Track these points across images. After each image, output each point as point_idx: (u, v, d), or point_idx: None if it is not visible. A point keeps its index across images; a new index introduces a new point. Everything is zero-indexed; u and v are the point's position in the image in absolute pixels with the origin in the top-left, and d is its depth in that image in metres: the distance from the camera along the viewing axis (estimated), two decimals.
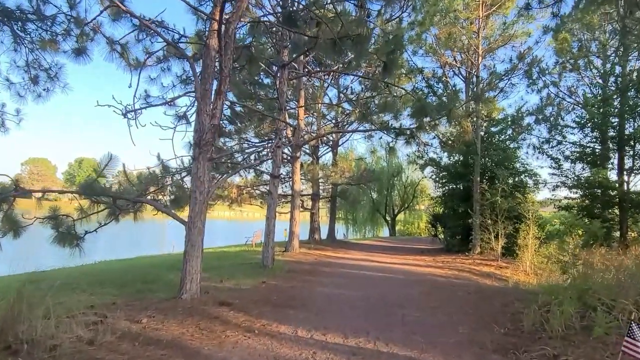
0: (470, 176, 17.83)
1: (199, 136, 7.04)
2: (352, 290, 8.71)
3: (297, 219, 15.92)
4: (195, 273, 6.92)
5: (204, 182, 7.03)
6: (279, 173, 11.62)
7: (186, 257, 6.92)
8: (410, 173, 37.15)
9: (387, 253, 18.52)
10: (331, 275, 11.12)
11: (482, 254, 16.40)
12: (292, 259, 14.24)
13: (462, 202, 18.11)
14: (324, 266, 12.89)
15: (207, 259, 14.24)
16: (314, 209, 21.08)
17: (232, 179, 19.11)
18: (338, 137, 21.55)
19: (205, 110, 7.03)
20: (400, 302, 7.63)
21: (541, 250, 13.24)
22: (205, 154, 7.01)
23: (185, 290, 6.81)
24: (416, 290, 9.00)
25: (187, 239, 6.96)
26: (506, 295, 7.88)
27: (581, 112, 20.01)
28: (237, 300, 7.22)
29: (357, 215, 33.66)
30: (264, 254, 11.47)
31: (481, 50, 17.02)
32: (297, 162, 16.17)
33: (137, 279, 9.69)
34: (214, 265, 12.28)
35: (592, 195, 17.63)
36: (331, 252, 17.37)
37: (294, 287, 8.95)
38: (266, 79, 16.08)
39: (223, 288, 8.50)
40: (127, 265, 13.74)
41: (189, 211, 7.06)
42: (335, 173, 17.70)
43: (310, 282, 9.78)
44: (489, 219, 15.11)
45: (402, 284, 10.08)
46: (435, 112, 9.38)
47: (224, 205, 18.93)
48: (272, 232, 11.62)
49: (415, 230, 40.05)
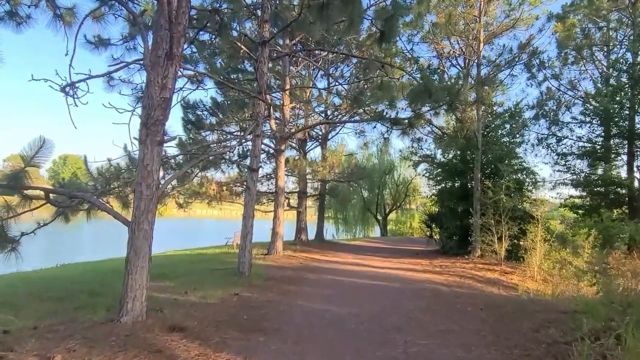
0: (469, 173, 16.48)
1: (147, 114, 5.51)
2: (340, 306, 7.23)
3: (281, 218, 14.42)
4: (140, 288, 5.38)
5: (153, 172, 5.49)
6: (257, 166, 10.09)
7: (128, 268, 5.38)
8: (403, 171, 35.80)
9: (379, 255, 17.10)
10: (316, 284, 9.64)
11: (482, 257, 15.05)
12: (274, 263, 12.74)
13: (461, 201, 16.74)
14: (310, 272, 11.41)
15: (178, 264, 12.73)
16: (300, 208, 19.58)
17: (213, 175, 17.56)
18: (327, 131, 20.06)
19: (157, 81, 5.50)
20: (400, 322, 6.17)
21: (552, 254, 11.86)
22: (154, 136, 5.48)
23: (126, 311, 5.27)
24: (417, 305, 7.56)
25: (130, 244, 5.43)
26: (528, 312, 6.46)
27: (585, 107, 18.87)
28: (196, 322, 5.71)
29: (347, 215, 32.19)
30: (240, 259, 9.96)
31: (482, 36, 15.64)
32: (282, 156, 14.66)
33: (85, 289, 8.13)
34: (184, 271, 10.73)
35: (600, 193, 16.37)
36: (318, 255, 15.89)
37: (270, 301, 7.45)
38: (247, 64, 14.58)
39: (184, 303, 6.98)
40: (86, 270, 12.14)
41: (133, 209, 5.52)
42: (323, 168, 16.20)
43: (291, 293, 8.28)
44: (491, 219, 13.74)
45: (399, 295, 8.63)
46: (442, 93, 7.93)
47: (203, 203, 17.35)
48: (249, 233, 10.11)
49: (408, 230, 38.69)
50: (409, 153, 24.04)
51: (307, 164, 16.84)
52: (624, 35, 17.44)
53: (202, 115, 19.09)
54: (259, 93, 9.96)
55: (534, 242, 12.27)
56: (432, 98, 8.41)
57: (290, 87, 14.35)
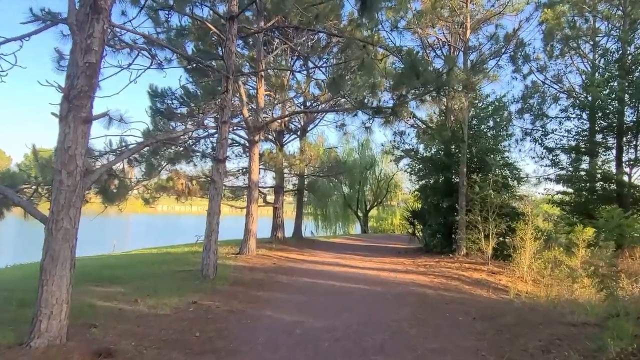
0: (454, 167, 15.66)
1: (70, 84, 4.38)
2: (314, 316, 6.22)
3: (255, 215, 13.32)
4: (58, 303, 4.26)
5: (76, 157, 4.37)
6: (224, 156, 8.98)
7: (43, 277, 4.26)
8: (384, 166, 34.96)
9: (360, 254, 16.16)
10: (289, 288, 8.61)
11: (468, 255, 14.26)
12: (245, 263, 11.65)
13: (445, 197, 15.89)
14: (283, 274, 10.37)
15: (138, 264, 11.51)
16: (277, 204, 18.48)
17: (182, 168, 16.30)
18: (306, 122, 18.97)
19: (83, 44, 4.37)
20: (383, 338, 5.20)
21: (544, 253, 11.08)
22: (77, 111, 4.35)
23: (38, 332, 4.15)
24: (402, 314, 6.60)
25: (46, 247, 4.30)
26: (529, 325, 5.57)
27: (572, 101, 18.32)
28: (133, 343, 4.63)
29: (327, 211, 31.16)
30: (204, 260, 8.85)
31: (469, 23, 14.78)
32: (256, 147, 13.54)
33: (18, 297, 6.91)
34: (142, 273, 9.58)
35: (587, 189, 15.76)
36: (295, 254, 14.86)
37: (233, 311, 6.38)
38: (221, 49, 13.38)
39: (129, 314, 5.88)
40: (26, 275, 10.85)
41: (51, 203, 4.39)
42: (300, 162, 15.12)
43: (259, 301, 7.24)
44: (478, 216, 12.94)
45: (381, 301, 7.68)
46: (430, 74, 6.98)
47: (171, 198, 16.09)
48: (214, 232, 9.00)
49: (389, 227, 37.89)
50: (390, 147, 23.14)
51: (284, 157, 15.73)
52: (612, 26, 16.85)
53: (172, 104, 17.83)
54: (225, 74, 8.86)
55: (523, 241, 11.50)
56: (420, 80, 7.45)
57: (265, 68, 13.20)
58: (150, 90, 16.42)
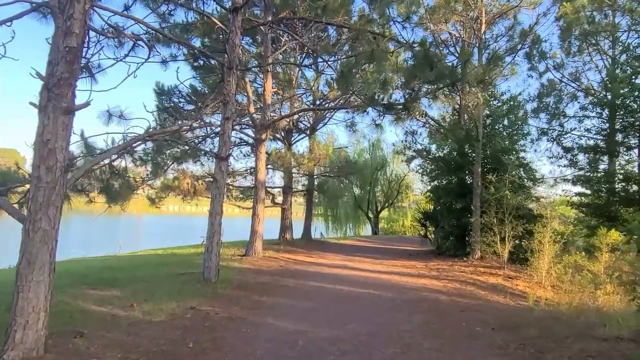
0: (469, 166, 15.08)
1: (50, 71, 4.00)
2: (319, 325, 5.76)
3: (261, 216, 12.90)
4: (35, 312, 3.88)
5: (56, 151, 3.98)
6: (227, 154, 8.57)
7: (18, 283, 3.87)
8: (395, 167, 34.38)
9: (370, 256, 15.66)
10: (295, 293, 8.16)
11: (482, 259, 13.69)
12: (250, 266, 11.23)
13: (458, 198, 15.33)
14: (290, 277, 9.92)
15: (140, 266, 11.15)
16: (285, 204, 18.06)
17: (188, 168, 16.00)
18: (315, 121, 18.52)
19: (63, 27, 3.99)
20: (395, 353, 4.71)
21: (564, 257, 10.47)
22: (58, 100, 3.96)
23: (13, 343, 3.76)
24: (415, 323, 6.12)
25: (23, 249, 3.92)
26: (556, 338, 5.06)
27: (591, 99, 17.60)
28: (119, 355, 4.23)
29: (337, 212, 30.64)
30: (205, 263, 8.47)
31: (485, 17, 14.19)
32: (262, 146, 13.14)
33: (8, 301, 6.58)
34: (142, 275, 9.21)
35: (608, 190, 15.04)
36: (303, 256, 14.41)
37: (233, 318, 5.96)
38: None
39: (122, 321, 5.49)
40: None
41: (30, 202, 4.01)
42: (309, 161, 14.68)
43: (262, 307, 6.80)
44: (494, 218, 12.36)
45: (392, 308, 7.19)
46: (444, 67, 6.50)
47: (177, 198, 15.79)
48: (217, 233, 8.61)
49: (400, 229, 37.25)
50: (402, 147, 22.59)
51: (292, 156, 15.30)
52: (635, 20, 16.12)
53: (178, 103, 17.53)
54: (228, 68, 8.46)
55: (542, 244, 10.91)
56: (434, 72, 6.96)
57: (272, 62, 12.78)
58: (156, 88, 16.14)
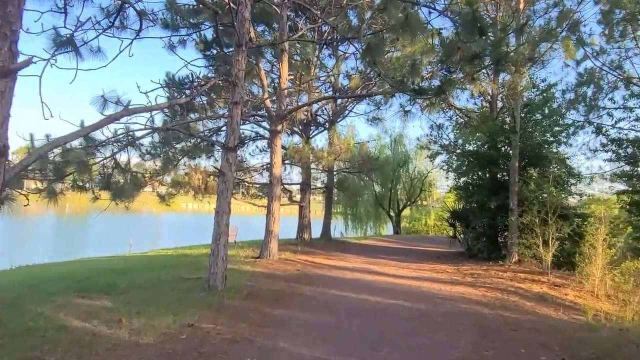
0: (503, 161, 13.73)
1: None
2: (342, 352, 4.63)
3: (277, 214, 11.86)
4: None
5: None
6: (235, 144, 7.53)
7: None
8: (418, 163, 32.89)
9: (394, 258, 14.46)
10: (312, 304, 7.05)
11: (520, 263, 12.35)
12: (264, 270, 10.19)
13: (492, 196, 13.96)
14: (306, 283, 8.82)
15: (144, 269, 10.16)
16: (303, 202, 16.99)
17: (198, 164, 15.08)
18: (334, 113, 17.37)
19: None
20: None
21: (625, 264, 9.13)
22: None
23: None
24: (460, 348, 4.93)
25: None
26: None
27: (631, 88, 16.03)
28: None
29: (357, 210, 29.40)
30: (211, 268, 7.41)
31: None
32: (278, 139, 12.09)
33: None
34: (143, 281, 8.27)
35: None
36: (322, 258, 13.30)
37: (236, 340, 4.88)
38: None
39: (103, 342, 4.49)
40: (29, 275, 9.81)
41: None
42: (328, 154, 13.55)
43: (272, 324, 5.71)
44: (535, 217, 11.01)
45: (428, 325, 6.01)
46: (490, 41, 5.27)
47: (188, 195, 14.88)
48: (223, 234, 7.55)
49: (423, 228, 35.81)
50: (427, 142, 21.28)
51: (310, 150, 14.19)
52: None
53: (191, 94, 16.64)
54: (237, 45, 7.40)
55: (594, 248, 9.55)
56: (480, 43, 5.74)
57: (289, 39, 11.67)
58: (167, 79, 15.25)
